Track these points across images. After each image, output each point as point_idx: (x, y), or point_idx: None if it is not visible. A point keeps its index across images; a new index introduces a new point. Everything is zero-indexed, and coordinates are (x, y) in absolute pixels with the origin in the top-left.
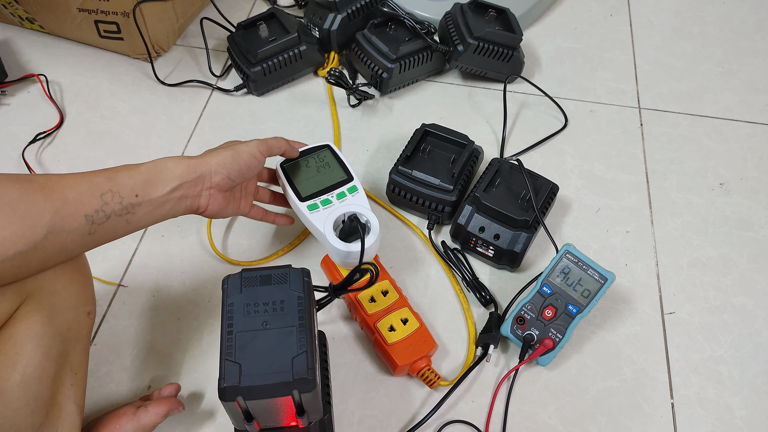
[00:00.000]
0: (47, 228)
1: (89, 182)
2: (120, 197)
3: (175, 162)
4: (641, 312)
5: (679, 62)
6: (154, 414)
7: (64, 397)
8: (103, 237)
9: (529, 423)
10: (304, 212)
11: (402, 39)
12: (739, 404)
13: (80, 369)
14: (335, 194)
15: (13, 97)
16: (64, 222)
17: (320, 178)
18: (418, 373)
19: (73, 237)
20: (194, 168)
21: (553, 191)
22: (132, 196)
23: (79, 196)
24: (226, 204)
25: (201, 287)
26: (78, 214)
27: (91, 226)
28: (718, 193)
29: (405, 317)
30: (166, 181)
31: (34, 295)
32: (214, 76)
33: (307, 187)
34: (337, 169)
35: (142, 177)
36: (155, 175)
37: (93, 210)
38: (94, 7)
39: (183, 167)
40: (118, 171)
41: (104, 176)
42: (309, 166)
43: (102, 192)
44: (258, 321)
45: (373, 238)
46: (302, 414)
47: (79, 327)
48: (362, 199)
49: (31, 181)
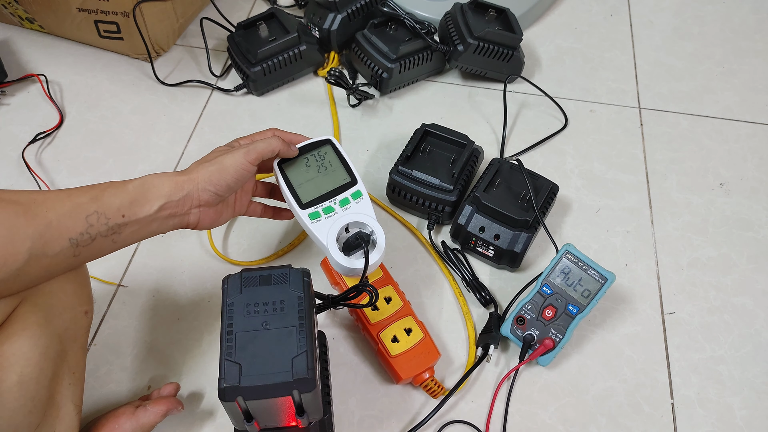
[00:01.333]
0: (28, 254)
1: (74, 203)
2: (106, 218)
3: (162, 179)
4: (641, 312)
5: (679, 62)
6: (153, 413)
7: (62, 397)
8: (87, 257)
9: (529, 423)
10: (305, 221)
11: (402, 39)
12: (739, 404)
13: (78, 368)
14: (338, 201)
15: (13, 97)
16: (46, 247)
17: (321, 180)
18: (422, 384)
19: (57, 260)
20: (181, 186)
21: (553, 191)
22: (118, 217)
23: (62, 219)
24: (218, 216)
25: (201, 287)
26: (62, 238)
27: (76, 248)
28: (719, 193)
29: (409, 327)
30: (152, 200)
31: (30, 296)
32: (214, 76)
33: (307, 192)
34: (339, 170)
35: (129, 196)
36: (142, 194)
37: (77, 233)
38: (94, 7)
39: (170, 185)
40: (104, 190)
41: (90, 195)
42: (309, 165)
43: (87, 214)
44: (258, 321)
45: (377, 255)
46: (302, 414)
47: (76, 327)
48: (367, 207)
49: (14, 202)
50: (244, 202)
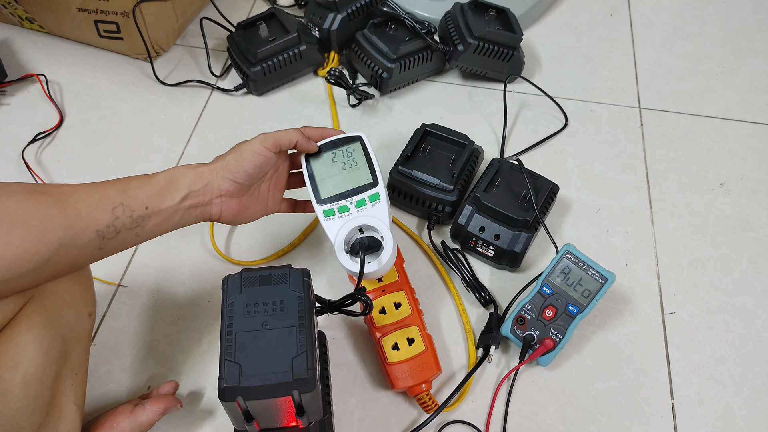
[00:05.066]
0: (58, 244)
1: (101, 194)
2: (131, 210)
3: (184, 171)
4: (641, 312)
5: (679, 62)
6: (151, 412)
7: (65, 398)
8: (111, 250)
9: (530, 423)
10: (319, 216)
11: (402, 39)
12: (739, 404)
13: (81, 370)
14: (354, 201)
15: (12, 97)
16: (75, 237)
17: (344, 178)
18: (416, 397)
19: (84, 252)
20: (201, 176)
21: (553, 191)
22: (142, 209)
23: (90, 210)
24: (244, 208)
25: (201, 287)
26: (89, 230)
27: (102, 241)
28: (719, 193)
29: (412, 337)
30: (175, 192)
31: (36, 297)
32: (214, 76)
33: (327, 188)
34: (363, 169)
35: (154, 188)
36: (165, 186)
37: (104, 225)
38: (93, 7)
39: (192, 176)
40: (130, 182)
41: (117, 188)
42: (335, 161)
43: (113, 206)
44: (258, 321)
45: (385, 258)
46: (302, 414)
47: (80, 328)
48: (382, 212)
49: (46, 193)
50: (277, 198)
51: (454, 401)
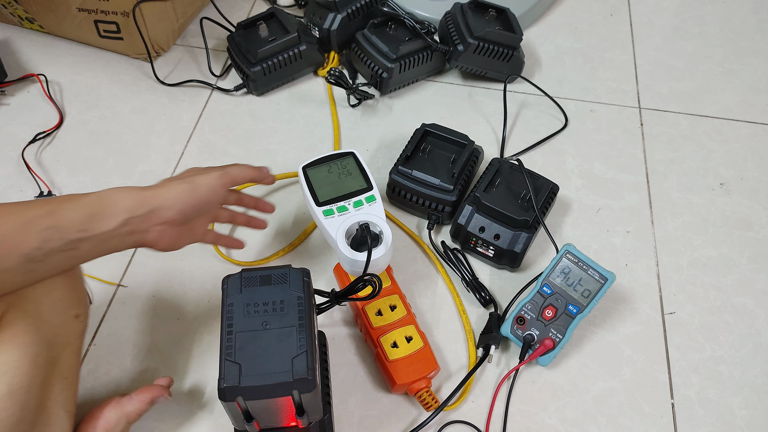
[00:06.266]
0: None
1: (27, 217)
2: (62, 233)
3: (123, 194)
4: (641, 312)
5: (679, 62)
6: (138, 401)
7: (54, 403)
8: (45, 272)
9: (530, 423)
10: (318, 217)
11: (402, 39)
12: (739, 404)
13: (71, 374)
14: (352, 202)
15: (12, 97)
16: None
17: (340, 184)
18: (416, 394)
19: (10, 275)
20: (144, 201)
21: (553, 191)
22: (75, 232)
23: (12, 234)
24: (178, 238)
25: (201, 287)
26: (12, 254)
27: (29, 264)
28: (719, 193)
29: (410, 335)
30: (112, 216)
31: (15, 304)
32: (214, 76)
33: (325, 192)
34: (357, 177)
35: (87, 210)
36: (102, 209)
37: (30, 248)
38: (93, 7)
39: (132, 200)
40: (61, 203)
41: (46, 209)
42: (331, 171)
43: (41, 228)
44: (258, 321)
45: (383, 250)
46: (302, 414)
47: (67, 332)
48: (378, 210)
49: None
50: (204, 227)
51: (455, 401)
